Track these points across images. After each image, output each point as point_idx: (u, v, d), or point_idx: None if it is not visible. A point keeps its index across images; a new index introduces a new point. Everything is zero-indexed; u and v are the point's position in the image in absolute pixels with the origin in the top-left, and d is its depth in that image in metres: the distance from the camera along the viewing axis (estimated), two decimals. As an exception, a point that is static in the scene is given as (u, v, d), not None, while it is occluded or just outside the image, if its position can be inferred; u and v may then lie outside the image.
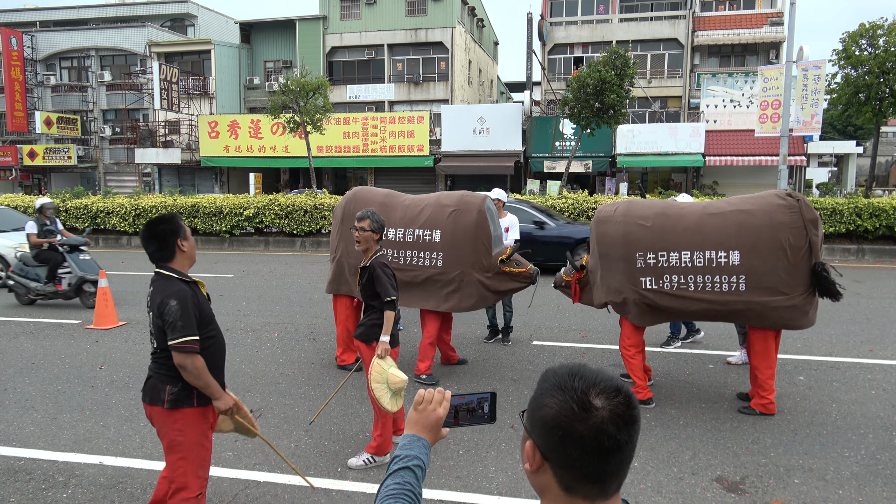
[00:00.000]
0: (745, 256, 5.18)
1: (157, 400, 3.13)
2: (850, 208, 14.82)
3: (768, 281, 5.15)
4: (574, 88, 21.09)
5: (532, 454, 1.14)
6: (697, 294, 5.32)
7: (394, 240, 6.32)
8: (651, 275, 5.43)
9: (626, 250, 5.48)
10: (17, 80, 34.09)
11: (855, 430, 4.99)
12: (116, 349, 7.43)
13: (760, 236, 5.14)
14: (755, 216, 5.22)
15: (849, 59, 22.03)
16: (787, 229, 5.09)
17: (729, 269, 5.22)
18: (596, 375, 1.13)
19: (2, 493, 4.04)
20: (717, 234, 5.25)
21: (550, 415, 1.10)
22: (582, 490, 1.11)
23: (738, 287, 5.22)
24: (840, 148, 31.41)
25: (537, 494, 1.19)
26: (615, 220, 5.59)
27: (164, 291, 3.08)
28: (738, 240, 5.20)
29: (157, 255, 3.17)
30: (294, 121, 22.72)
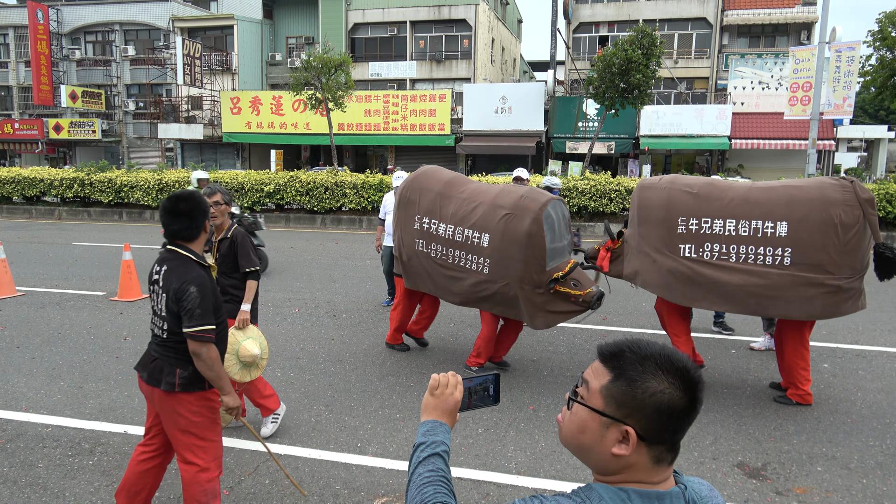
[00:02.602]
0: (793, 228, 4.91)
1: (161, 382, 3.02)
2: (879, 194, 14.47)
3: (815, 257, 4.87)
4: (599, 68, 20.76)
5: (633, 439, 1.13)
6: (739, 265, 5.07)
7: (443, 236, 5.69)
8: (691, 241, 5.23)
9: (668, 214, 5.29)
10: (44, 54, 34.40)
11: (880, 418, 4.91)
12: (140, 321, 7.53)
13: (812, 208, 4.88)
14: (807, 191, 5.00)
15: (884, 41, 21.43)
16: (840, 206, 4.83)
17: (775, 240, 4.96)
18: (674, 350, 1.17)
19: (30, 458, 4.14)
20: (766, 204, 5.02)
21: (665, 399, 1.12)
22: (669, 458, 1.16)
23: (782, 261, 4.95)
24: (871, 132, 30.61)
25: (610, 474, 1.17)
26: (660, 187, 5.44)
27: (183, 276, 2.97)
28: (788, 210, 4.95)
29: (181, 232, 3.05)
30: (316, 97, 22.67)
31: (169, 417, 3.07)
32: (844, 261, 4.87)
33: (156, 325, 3.11)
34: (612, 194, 15.93)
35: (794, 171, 22.77)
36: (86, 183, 19.08)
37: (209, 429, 3.13)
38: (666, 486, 1.16)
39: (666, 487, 1.15)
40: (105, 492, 3.73)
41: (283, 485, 3.83)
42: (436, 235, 5.75)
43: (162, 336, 3.06)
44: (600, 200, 15.99)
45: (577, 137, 27.65)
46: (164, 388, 3.01)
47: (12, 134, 35.20)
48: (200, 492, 3.10)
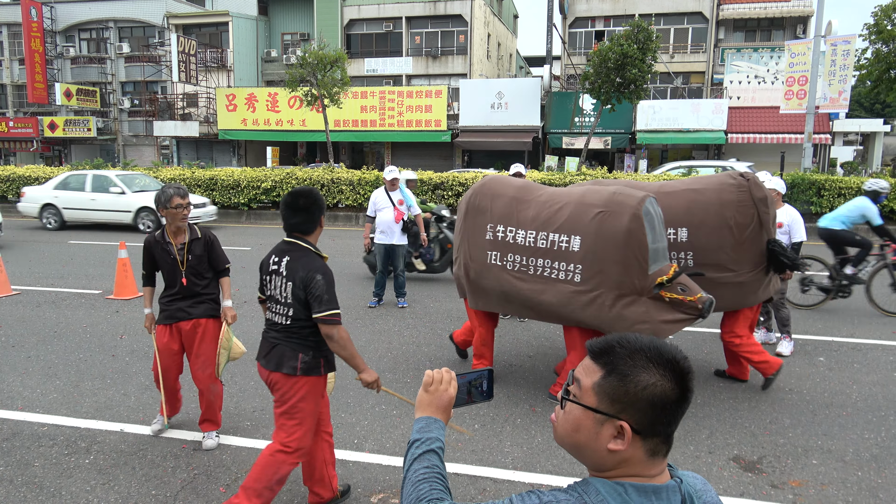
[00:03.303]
0: (692, 233, 5.24)
1: (284, 366, 3.20)
2: (875, 188, 14.50)
3: (715, 256, 5.18)
4: (595, 63, 20.73)
5: (629, 434, 1.13)
6: None
7: (523, 244, 4.95)
8: None
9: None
10: (38, 52, 34.24)
11: (875, 411, 4.93)
12: (136, 319, 7.52)
13: (708, 213, 5.18)
14: (705, 194, 5.27)
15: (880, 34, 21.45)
16: (734, 206, 5.12)
17: (677, 245, 5.28)
18: (663, 343, 1.17)
19: (26, 457, 4.13)
20: (667, 212, 5.23)
21: (657, 392, 1.12)
22: (663, 450, 1.17)
23: (686, 263, 5.29)
24: (867, 126, 30.71)
25: (606, 469, 1.17)
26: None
27: (309, 266, 3.17)
28: (688, 217, 5.25)
29: (300, 226, 3.25)
30: (311, 94, 22.62)
31: (279, 398, 3.25)
32: (743, 257, 5.17)
33: (276, 312, 3.27)
34: (608, 189, 15.92)
35: (791, 165, 22.80)
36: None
37: (310, 416, 3.27)
38: (662, 479, 1.16)
39: (661, 481, 1.16)
40: (101, 490, 3.72)
41: (280, 482, 3.83)
42: (513, 244, 5.00)
43: (285, 323, 3.24)
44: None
45: (573, 133, 27.62)
46: (287, 372, 3.20)
47: (7, 132, 35.08)
48: (274, 472, 3.18)
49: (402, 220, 7.91)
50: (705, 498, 1.22)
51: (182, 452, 4.20)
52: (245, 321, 7.39)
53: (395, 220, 7.84)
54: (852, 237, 7.77)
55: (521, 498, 1.16)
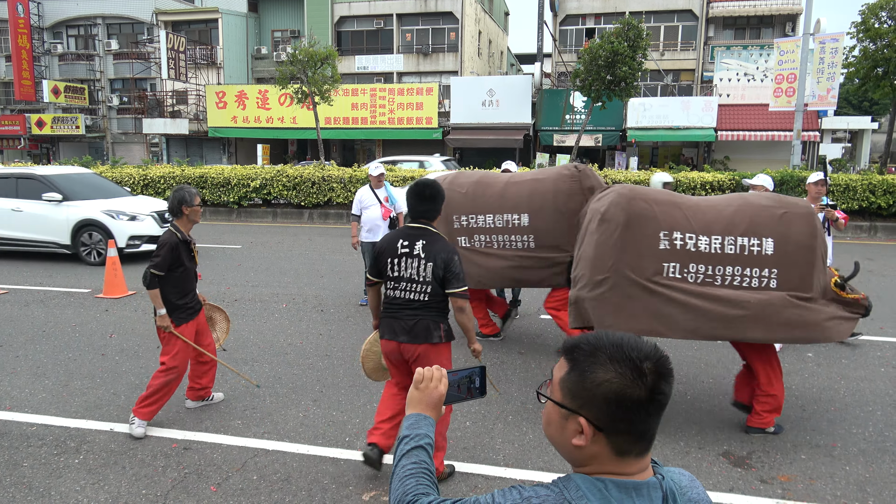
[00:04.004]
0: (533, 218, 5.93)
1: (431, 337, 3.61)
2: (863, 185, 14.62)
3: (551, 239, 5.89)
4: (585, 60, 20.77)
5: (587, 430, 1.15)
6: (499, 251, 6.12)
7: (707, 251, 4.37)
8: (465, 234, 6.26)
9: (446, 213, 6.09)
10: (24, 48, 33.88)
11: (863, 406, 4.98)
12: (126, 318, 7.48)
13: (546, 200, 5.89)
14: (544, 184, 5.98)
15: (867, 32, 21.60)
16: (565, 194, 5.82)
17: (521, 229, 5.99)
18: (634, 341, 1.16)
19: (15, 457, 4.10)
20: (514, 199, 6.02)
21: (613, 389, 1.12)
22: (635, 450, 1.16)
23: (528, 244, 5.99)
24: (855, 123, 30.90)
25: (577, 465, 1.20)
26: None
27: (446, 248, 3.61)
28: (529, 202, 5.95)
29: (426, 213, 3.67)
30: (302, 91, 22.52)
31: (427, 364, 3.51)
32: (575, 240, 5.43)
33: (412, 290, 3.62)
34: (599, 187, 15.95)
35: (779, 162, 22.94)
36: (69, 179, 18.83)
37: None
38: (643, 476, 1.16)
39: (643, 478, 1.16)
40: (91, 490, 3.71)
41: (272, 480, 3.82)
42: (696, 253, 4.37)
43: (423, 299, 3.61)
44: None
45: (564, 130, 27.67)
46: (434, 342, 3.61)
47: (-6, 130, 34.73)
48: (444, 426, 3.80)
49: (389, 217, 7.90)
50: (690, 494, 1.22)
51: (172, 452, 4.18)
52: (237, 319, 7.37)
53: (382, 217, 7.82)
54: None
55: (502, 493, 1.18)
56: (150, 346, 6.42)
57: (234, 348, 6.34)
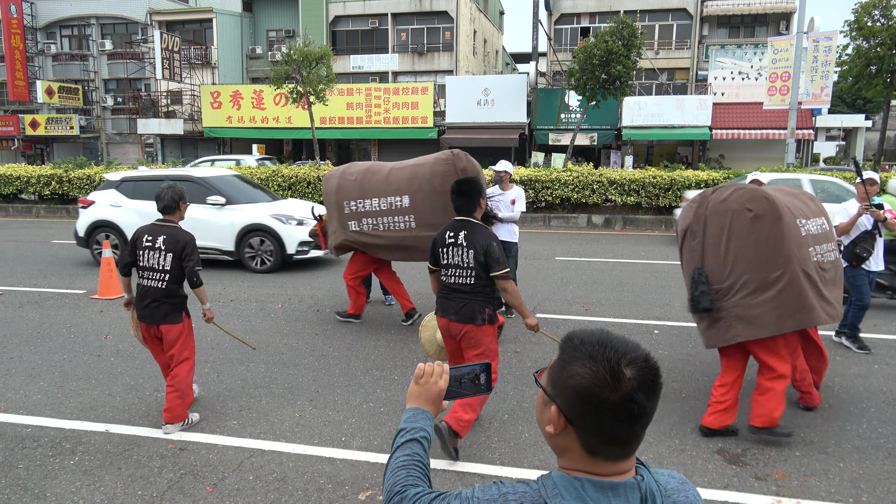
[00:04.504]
0: (412, 199, 6.43)
1: (475, 319, 4.05)
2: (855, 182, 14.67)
3: (430, 218, 6.32)
4: (580, 59, 20.79)
5: (557, 418, 1.16)
6: (385, 233, 6.64)
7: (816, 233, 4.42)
8: (355, 219, 6.78)
9: (338, 199, 6.80)
10: (18, 49, 33.74)
11: (857, 403, 5.00)
12: (121, 319, 7.46)
13: (423, 182, 6.36)
14: (422, 167, 6.46)
15: (861, 31, 21.69)
16: (440, 176, 6.26)
17: (402, 210, 6.49)
18: (625, 344, 1.15)
19: (10, 459, 4.09)
20: (396, 182, 6.51)
21: (582, 384, 1.12)
22: (606, 452, 1.15)
23: (410, 224, 6.51)
24: (849, 121, 31.03)
25: (556, 453, 1.22)
26: (334, 177, 6.98)
27: (487, 236, 4.03)
28: (409, 185, 6.44)
29: (465, 207, 4.11)
30: (297, 91, 22.48)
31: (473, 344, 4.12)
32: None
33: (460, 276, 4.10)
34: (594, 185, 16.00)
35: (774, 160, 23.01)
36: (64, 180, 18.79)
37: (495, 351, 4.23)
38: (620, 478, 1.16)
39: (621, 479, 1.15)
40: (87, 491, 3.70)
41: (268, 480, 3.82)
42: (812, 236, 4.42)
43: (470, 283, 4.07)
44: (583, 192, 16.06)
45: (559, 129, 27.70)
46: (478, 323, 4.06)
47: (-13, 131, 34.57)
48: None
49: None
50: (676, 497, 1.20)
51: (168, 452, 4.18)
52: (233, 319, 7.36)
53: None
54: None
55: (483, 488, 1.20)
56: (144, 347, 6.40)
57: (230, 348, 6.33)
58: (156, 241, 4.45)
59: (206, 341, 6.58)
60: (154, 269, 4.44)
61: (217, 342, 6.56)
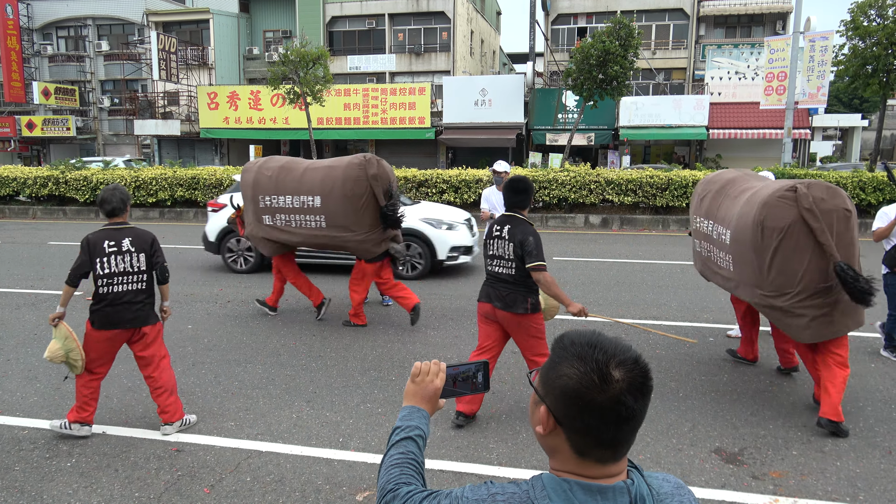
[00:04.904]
0: (323, 200, 6.72)
1: (517, 307, 4.38)
2: (853, 182, 14.73)
3: (340, 220, 6.72)
4: (577, 59, 20.81)
5: (546, 419, 1.16)
6: (297, 229, 6.95)
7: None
8: (269, 213, 7.05)
9: (254, 193, 7.06)
10: (14, 50, 33.68)
11: (853, 402, 5.01)
12: (118, 320, 7.44)
13: (335, 184, 6.63)
14: (335, 170, 6.70)
15: (857, 30, 21.73)
16: (352, 181, 6.56)
17: (314, 209, 6.79)
18: (615, 346, 1.14)
19: (6, 461, 4.08)
20: (310, 183, 6.79)
21: (570, 385, 1.12)
22: (595, 454, 1.14)
23: (320, 224, 6.84)
24: (845, 121, 31.12)
25: (546, 454, 1.21)
26: (251, 171, 7.15)
27: (525, 231, 4.34)
28: (321, 186, 6.71)
29: (518, 203, 4.46)
30: (294, 92, 22.47)
31: (522, 331, 4.49)
32: (363, 220, 6.69)
33: (502, 266, 4.45)
34: (591, 185, 16.02)
35: (771, 160, 23.06)
36: (60, 181, 18.76)
37: (543, 340, 4.55)
38: (611, 481, 1.15)
39: (611, 483, 1.14)
40: (84, 493, 3.69)
41: (265, 481, 3.82)
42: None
43: (511, 273, 4.41)
44: (580, 192, 16.08)
45: (556, 129, 27.73)
46: (520, 312, 4.40)
47: (-17, 132, 34.49)
48: None
49: None
50: (669, 502, 1.19)
51: (165, 454, 4.17)
52: (230, 320, 7.35)
53: None
54: None
55: (473, 488, 1.20)
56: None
57: (228, 349, 6.33)
58: (121, 244, 4.29)
59: (204, 342, 6.57)
60: (129, 273, 4.32)
61: (214, 343, 6.55)
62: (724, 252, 5.12)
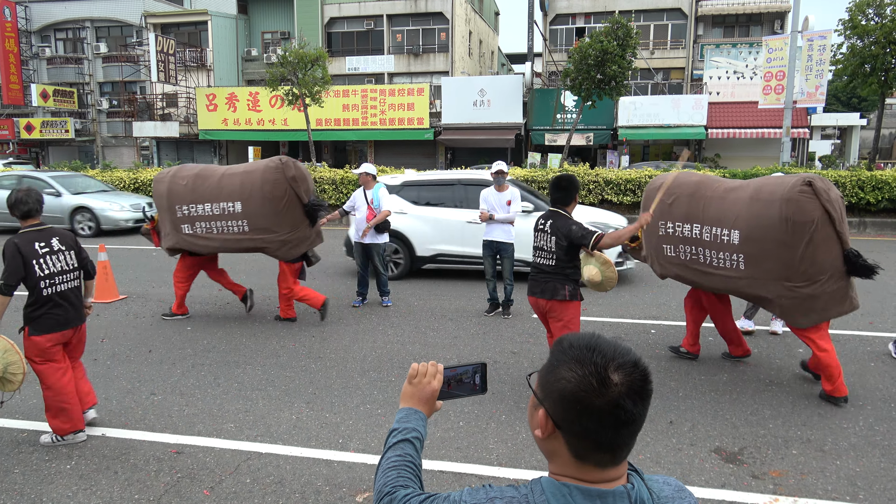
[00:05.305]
0: (244, 204, 6.84)
1: (557, 295, 4.69)
2: (852, 181, 14.73)
3: (262, 222, 6.84)
4: (575, 59, 20.83)
5: (544, 422, 1.15)
6: (219, 236, 7.03)
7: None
8: (188, 222, 7.06)
9: (169, 203, 7.09)
10: (12, 52, 33.66)
11: (853, 401, 5.01)
12: (117, 323, 7.44)
13: (254, 188, 6.79)
14: (252, 175, 6.88)
15: (855, 29, 21.73)
16: (270, 185, 6.75)
17: (235, 214, 6.91)
18: (614, 349, 1.13)
19: (6, 464, 4.08)
20: (228, 188, 6.89)
21: (568, 388, 1.11)
22: (594, 458, 1.13)
23: (243, 228, 6.93)
24: (844, 120, 31.10)
25: (545, 457, 1.21)
26: (164, 181, 7.20)
27: (566, 223, 4.65)
28: (241, 190, 6.84)
29: (562, 199, 4.75)
30: (292, 93, 22.48)
31: (557, 317, 4.77)
32: (284, 221, 6.84)
33: (544, 258, 4.78)
34: (590, 185, 16.02)
35: (770, 159, 23.06)
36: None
37: (578, 325, 4.82)
38: (611, 486, 1.14)
39: (611, 487, 1.14)
40: (83, 496, 3.69)
41: (265, 483, 3.82)
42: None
43: (551, 264, 4.74)
44: (579, 192, 16.07)
45: (555, 129, 27.74)
46: (560, 299, 4.71)
47: (-18, 135, 34.48)
48: None
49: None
50: None
51: (165, 456, 4.17)
52: (229, 322, 7.34)
53: (366, 218, 7.89)
54: None
55: (471, 492, 1.19)
56: (141, 350, 6.40)
57: (227, 350, 6.32)
58: (51, 244, 4.26)
59: (203, 344, 6.57)
60: (66, 271, 4.34)
61: (213, 345, 6.55)
62: (727, 252, 5.11)
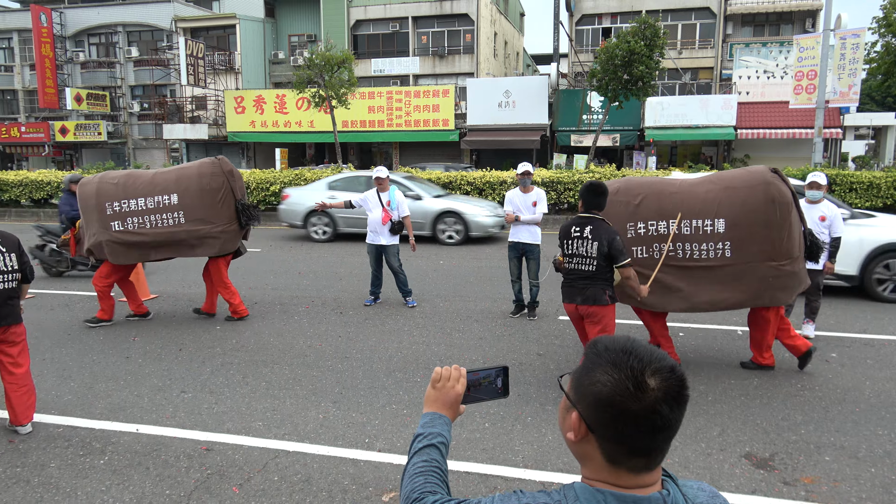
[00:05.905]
0: (180, 197, 7.10)
1: (599, 301, 4.81)
2: (887, 182, 14.39)
3: (199, 213, 7.13)
4: (602, 60, 20.67)
5: (577, 425, 1.14)
6: (152, 230, 7.13)
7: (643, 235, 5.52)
8: (118, 219, 7.14)
9: (98, 202, 7.12)
10: (48, 57, 34.53)
11: (889, 407, 4.90)
12: (148, 321, 7.58)
13: (191, 182, 7.11)
14: (189, 169, 7.23)
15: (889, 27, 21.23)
16: (208, 176, 7.12)
17: (171, 207, 7.10)
18: (650, 354, 1.12)
19: (42, 458, 4.18)
20: (162, 184, 7.13)
21: (604, 392, 1.09)
22: (628, 463, 1.11)
23: (178, 220, 7.13)
24: (878, 120, 30.32)
25: (577, 461, 1.19)
26: (91, 182, 7.27)
27: (610, 231, 4.72)
28: (176, 186, 7.12)
29: (597, 204, 4.82)
30: (319, 95, 22.68)
31: (596, 321, 4.87)
32: (221, 213, 7.19)
33: (583, 264, 4.81)
34: (617, 187, 15.88)
35: (800, 160, 22.61)
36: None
37: (614, 328, 5.00)
38: (646, 492, 1.13)
39: (646, 493, 1.12)
40: (116, 490, 3.77)
41: (292, 481, 3.86)
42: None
43: (592, 270, 4.78)
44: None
45: (581, 130, 27.56)
46: (601, 304, 4.82)
47: (19, 137, 35.39)
48: None
49: (389, 221, 7.99)
50: None
51: (195, 452, 4.24)
52: (257, 321, 7.44)
53: (381, 221, 7.92)
54: None
55: (503, 498, 1.18)
56: (172, 348, 6.51)
57: (255, 350, 6.41)
58: None
59: (231, 343, 6.66)
60: (4, 272, 4.38)
61: (242, 344, 6.64)
62: (712, 242, 5.36)
